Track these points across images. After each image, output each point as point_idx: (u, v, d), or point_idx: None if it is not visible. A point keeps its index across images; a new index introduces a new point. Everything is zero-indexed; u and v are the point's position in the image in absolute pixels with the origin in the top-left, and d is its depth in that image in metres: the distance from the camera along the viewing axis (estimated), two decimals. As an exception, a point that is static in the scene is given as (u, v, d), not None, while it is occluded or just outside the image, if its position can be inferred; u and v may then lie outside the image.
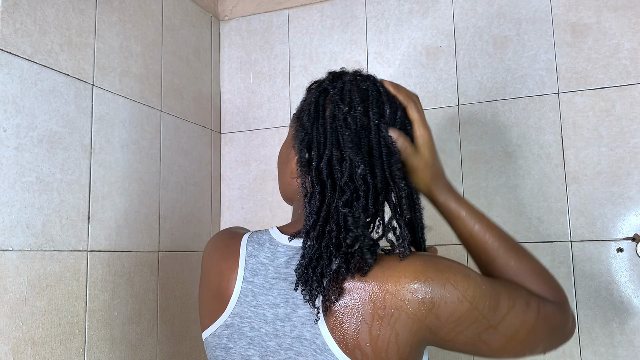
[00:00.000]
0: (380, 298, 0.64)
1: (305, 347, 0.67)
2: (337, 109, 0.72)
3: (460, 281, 0.65)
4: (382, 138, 0.72)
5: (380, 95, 0.74)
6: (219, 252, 0.80)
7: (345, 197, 0.69)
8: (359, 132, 0.71)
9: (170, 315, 1.25)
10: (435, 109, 1.31)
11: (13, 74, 0.91)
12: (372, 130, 0.71)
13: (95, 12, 1.10)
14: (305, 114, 0.76)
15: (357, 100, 0.72)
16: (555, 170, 1.19)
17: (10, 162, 0.89)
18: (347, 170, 0.70)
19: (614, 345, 1.11)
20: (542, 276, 0.76)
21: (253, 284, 0.73)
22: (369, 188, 0.70)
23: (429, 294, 0.63)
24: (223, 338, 0.74)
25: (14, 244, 0.88)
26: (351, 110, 0.71)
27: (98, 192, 1.06)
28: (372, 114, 0.72)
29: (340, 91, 0.74)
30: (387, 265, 0.66)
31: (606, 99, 1.17)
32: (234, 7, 1.55)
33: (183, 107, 1.37)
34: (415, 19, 1.35)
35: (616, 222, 1.13)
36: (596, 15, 1.19)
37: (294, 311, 0.68)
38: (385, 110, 0.73)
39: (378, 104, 0.73)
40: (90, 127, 1.06)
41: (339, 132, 0.71)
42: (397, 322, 0.63)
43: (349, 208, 0.69)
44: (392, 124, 0.73)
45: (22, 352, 0.88)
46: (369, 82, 0.76)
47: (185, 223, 1.34)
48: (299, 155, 0.75)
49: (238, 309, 0.73)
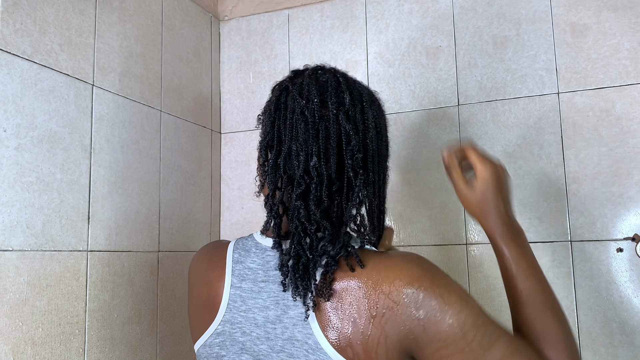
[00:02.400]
0: (374, 297, 0.63)
1: (297, 348, 0.66)
2: (296, 104, 0.72)
3: (454, 302, 0.62)
4: (342, 127, 0.70)
5: (339, 85, 0.73)
6: (205, 263, 0.80)
7: (300, 189, 0.69)
8: (317, 123, 0.70)
9: (170, 315, 1.25)
10: (435, 109, 1.31)
11: (13, 74, 0.91)
12: (331, 119, 0.70)
13: (95, 12, 1.10)
14: (266, 114, 0.76)
15: (315, 92, 0.71)
16: (555, 170, 1.19)
17: (10, 162, 0.89)
18: (302, 163, 0.69)
19: (614, 345, 1.11)
20: (562, 343, 0.69)
21: (241, 289, 0.73)
22: (323, 179, 0.69)
23: (420, 303, 0.62)
24: (214, 347, 0.73)
25: (14, 244, 0.88)
26: (309, 103, 0.71)
27: (98, 192, 1.06)
28: (331, 104, 0.71)
29: (300, 86, 0.73)
30: (382, 265, 0.66)
31: (606, 99, 1.17)
32: (234, 7, 1.55)
33: (183, 107, 1.37)
34: (415, 19, 1.35)
35: (616, 222, 1.13)
36: (596, 15, 1.19)
37: (285, 312, 0.68)
38: (345, 99, 0.72)
39: (337, 93, 0.72)
40: (90, 127, 1.06)
41: (297, 125, 0.70)
42: (387, 324, 0.62)
43: (301, 201, 0.69)
44: (353, 111, 0.72)
45: (22, 352, 0.88)
46: (329, 74, 0.75)
47: (185, 223, 1.34)
48: (259, 156, 0.75)
49: (228, 315, 0.73)
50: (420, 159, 1.31)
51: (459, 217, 1.25)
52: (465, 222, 1.25)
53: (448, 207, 1.26)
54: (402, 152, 1.32)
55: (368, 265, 0.66)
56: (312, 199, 0.69)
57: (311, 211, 0.69)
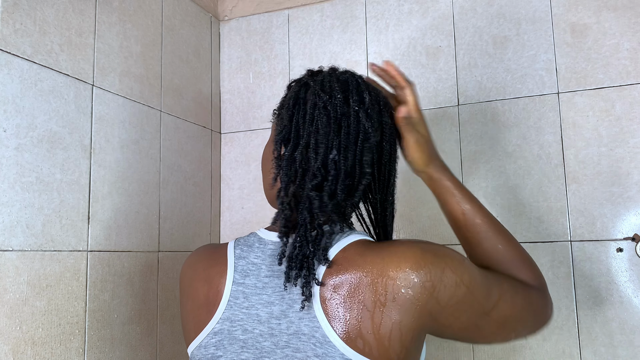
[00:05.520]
0: (381, 284, 0.64)
1: (304, 342, 0.66)
2: (318, 99, 0.73)
3: (457, 267, 0.66)
4: (361, 125, 0.73)
5: (359, 85, 0.76)
6: (204, 262, 0.79)
7: (316, 181, 0.71)
8: (339, 119, 0.72)
9: (170, 315, 1.25)
10: (435, 109, 1.31)
11: (13, 74, 0.91)
12: (352, 116, 0.73)
13: (95, 12, 1.10)
14: (285, 109, 0.77)
15: (337, 89, 0.74)
16: (555, 170, 1.19)
17: (10, 162, 0.89)
18: (321, 156, 0.71)
19: (614, 345, 1.11)
20: (526, 262, 0.79)
21: (244, 285, 0.72)
22: (339, 173, 0.71)
23: (430, 279, 0.64)
24: (210, 347, 0.72)
25: (14, 244, 0.88)
26: (331, 99, 0.73)
27: (98, 192, 1.07)
28: (352, 102, 0.73)
29: (321, 82, 0.75)
30: (385, 252, 0.67)
31: (606, 99, 1.17)
32: (234, 7, 1.55)
33: (183, 107, 1.37)
34: (415, 19, 1.35)
35: (616, 222, 1.13)
36: (596, 15, 1.19)
37: (290, 307, 0.68)
38: (365, 98, 0.74)
39: (358, 92, 0.75)
40: (90, 127, 1.06)
41: (317, 120, 0.72)
42: (400, 308, 0.63)
43: (316, 192, 0.70)
44: (372, 111, 0.75)
45: (22, 352, 0.88)
46: (348, 74, 0.78)
47: (185, 223, 1.34)
48: (274, 149, 0.76)
49: (228, 312, 0.72)
50: (420, 159, 1.31)
51: (459, 217, 1.25)
52: (465, 222, 1.25)
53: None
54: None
55: (371, 254, 0.67)
56: (326, 191, 0.71)
57: (324, 203, 0.70)
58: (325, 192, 0.71)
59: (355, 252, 0.68)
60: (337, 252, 0.69)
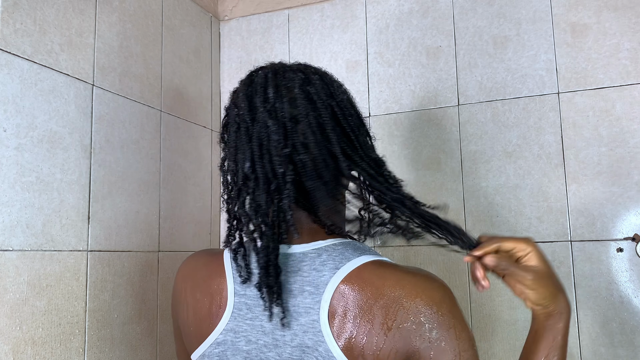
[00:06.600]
0: (393, 310, 0.63)
1: (307, 355, 0.65)
2: (228, 118, 0.76)
3: (464, 339, 0.63)
4: (262, 127, 0.68)
5: (266, 81, 0.72)
6: (202, 271, 0.77)
7: (245, 192, 0.70)
8: (249, 129, 0.70)
9: (170, 315, 1.25)
10: (435, 109, 1.31)
11: (13, 74, 0.91)
12: (257, 120, 0.69)
13: (95, 12, 1.10)
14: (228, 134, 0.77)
15: (242, 97, 0.72)
16: (555, 170, 1.19)
17: (10, 162, 0.89)
18: (240, 169, 0.70)
19: (614, 345, 1.11)
20: None
21: (246, 297, 0.71)
22: (258, 181, 0.68)
23: (435, 326, 0.62)
24: (213, 357, 0.71)
25: (14, 244, 0.88)
26: (240, 112, 0.72)
27: (98, 192, 1.06)
28: (259, 103, 0.70)
29: (236, 97, 0.75)
30: (406, 281, 0.65)
31: (606, 99, 1.17)
32: (234, 7, 1.55)
33: (183, 107, 1.37)
34: (415, 19, 1.35)
35: (616, 222, 1.13)
36: (596, 15, 1.19)
37: (295, 319, 0.67)
38: (269, 94, 0.70)
39: (262, 89, 0.71)
40: (90, 127, 1.06)
41: (233, 137, 0.72)
42: (401, 338, 0.62)
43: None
44: (280, 108, 0.69)
45: (22, 352, 0.88)
46: (259, 76, 0.73)
47: (185, 223, 1.34)
48: None
49: (232, 324, 0.71)
50: (420, 159, 1.31)
51: (459, 217, 1.25)
52: (465, 222, 1.25)
53: (448, 207, 1.26)
54: (402, 152, 1.32)
55: (391, 279, 0.65)
56: (253, 200, 0.70)
57: (253, 213, 0.69)
58: (253, 201, 0.68)
59: (373, 273, 0.66)
60: (352, 268, 0.67)
